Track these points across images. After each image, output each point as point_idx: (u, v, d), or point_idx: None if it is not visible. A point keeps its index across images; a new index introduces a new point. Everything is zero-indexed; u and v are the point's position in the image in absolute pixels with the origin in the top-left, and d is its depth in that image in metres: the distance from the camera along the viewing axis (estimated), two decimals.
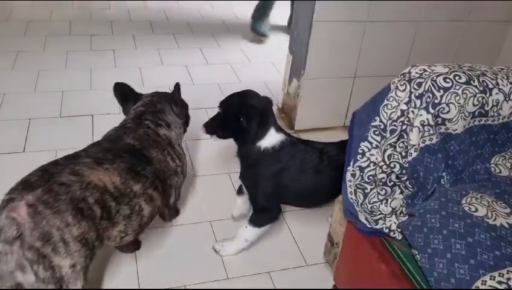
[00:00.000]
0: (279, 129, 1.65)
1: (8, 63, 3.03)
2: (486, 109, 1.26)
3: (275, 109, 1.76)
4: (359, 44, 2.41)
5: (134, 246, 1.73)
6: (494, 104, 1.26)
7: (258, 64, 3.36)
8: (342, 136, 1.97)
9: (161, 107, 1.72)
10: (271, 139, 1.61)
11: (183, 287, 1.62)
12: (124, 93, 1.77)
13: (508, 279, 0.97)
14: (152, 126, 1.63)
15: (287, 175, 1.64)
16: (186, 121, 1.86)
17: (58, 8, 4.03)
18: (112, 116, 1.70)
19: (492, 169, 1.36)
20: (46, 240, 1.18)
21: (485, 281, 0.99)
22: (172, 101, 1.77)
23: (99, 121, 2.45)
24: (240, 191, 1.88)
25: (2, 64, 3.01)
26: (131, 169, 1.43)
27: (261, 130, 1.58)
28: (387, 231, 1.28)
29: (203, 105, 2.56)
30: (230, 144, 1.71)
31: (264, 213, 1.70)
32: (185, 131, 1.88)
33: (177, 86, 1.84)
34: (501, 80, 1.28)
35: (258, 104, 1.61)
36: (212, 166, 2.25)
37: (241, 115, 1.57)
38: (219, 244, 1.76)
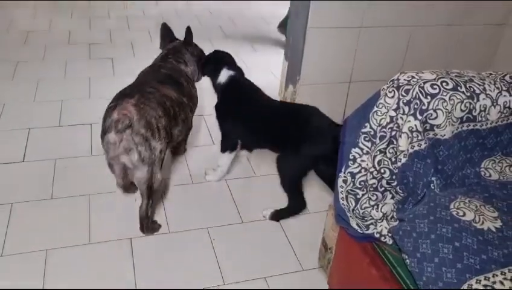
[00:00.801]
0: (233, 69, 2.08)
1: (8, 73, 3.07)
2: (474, 114, 1.28)
3: None
4: (354, 49, 2.43)
5: (183, 149, 2.37)
6: (482, 109, 1.28)
7: (255, 69, 3.36)
8: None
9: (179, 48, 2.18)
10: (223, 74, 2.07)
11: None
12: (166, 33, 2.26)
13: (494, 283, 0.99)
14: (174, 63, 2.10)
15: (234, 107, 2.04)
16: (199, 59, 2.22)
17: (58, 14, 4.07)
18: None
19: (483, 173, 1.38)
20: (148, 127, 1.67)
21: (471, 285, 1.00)
22: (185, 43, 2.19)
23: (99, 130, 2.43)
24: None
25: (1, 74, 3.05)
26: (177, 88, 1.94)
27: (214, 68, 2.09)
28: (378, 235, 1.30)
29: (202, 112, 2.59)
30: None
31: (223, 141, 2.13)
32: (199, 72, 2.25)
33: (188, 29, 2.18)
34: (488, 85, 1.30)
35: (214, 53, 2.19)
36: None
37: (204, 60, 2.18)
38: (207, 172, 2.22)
